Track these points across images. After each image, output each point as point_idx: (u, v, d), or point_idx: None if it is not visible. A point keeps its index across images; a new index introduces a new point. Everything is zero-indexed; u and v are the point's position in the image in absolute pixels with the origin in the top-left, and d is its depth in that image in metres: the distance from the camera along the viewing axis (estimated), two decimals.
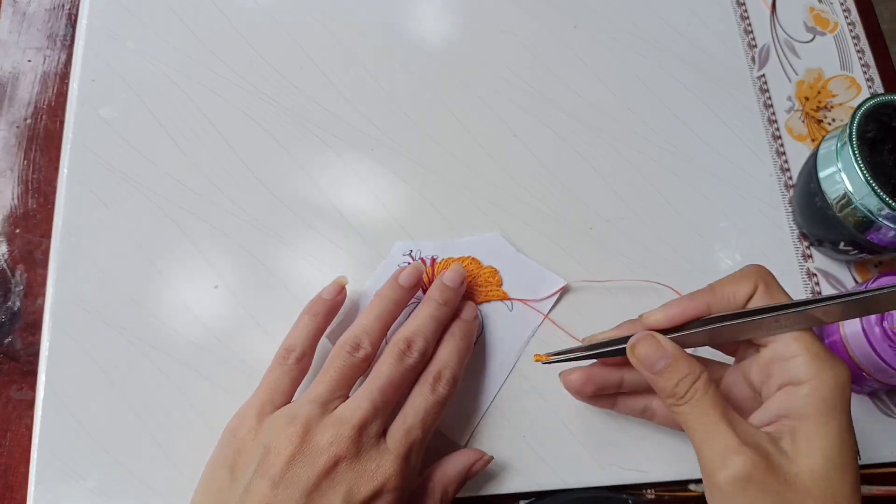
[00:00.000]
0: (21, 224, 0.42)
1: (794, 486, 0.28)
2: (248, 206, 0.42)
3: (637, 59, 0.48)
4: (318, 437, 0.30)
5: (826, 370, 0.28)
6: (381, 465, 0.31)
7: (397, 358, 0.34)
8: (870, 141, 0.37)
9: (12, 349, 0.40)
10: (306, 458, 0.30)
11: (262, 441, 0.31)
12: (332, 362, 0.33)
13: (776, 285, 0.31)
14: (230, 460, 0.31)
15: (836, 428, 0.28)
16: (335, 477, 0.30)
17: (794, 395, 0.28)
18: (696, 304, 0.31)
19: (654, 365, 0.31)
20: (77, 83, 0.44)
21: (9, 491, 0.37)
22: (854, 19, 0.50)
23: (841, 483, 0.27)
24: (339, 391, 0.33)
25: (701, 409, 0.29)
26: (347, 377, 0.33)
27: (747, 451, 0.28)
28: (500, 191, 0.44)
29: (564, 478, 0.38)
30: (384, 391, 0.32)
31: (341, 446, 0.30)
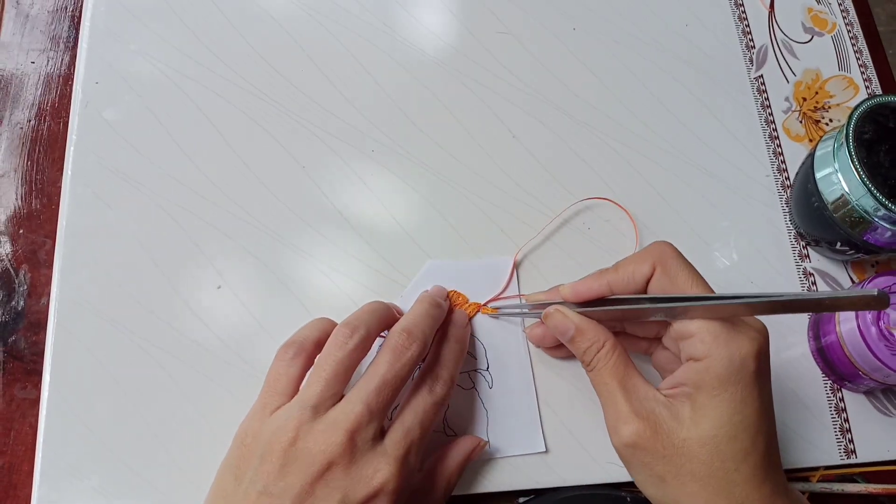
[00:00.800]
0: (25, 224, 0.43)
1: (681, 450, 0.30)
2: (250, 207, 0.43)
3: (636, 59, 0.48)
4: (309, 443, 0.30)
5: (720, 347, 0.30)
6: (378, 469, 0.30)
7: (395, 353, 0.32)
8: (867, 142, 0.37)
9: (16, 348, 0.40)
10: (299, 464, 0.29)
11: (259, 447, 0.31)
12: (326, 358, 0.32)
13: (675, 264, 0.33)
14: (234, 465, 0.31)
15: (726, 400, 0.30)
16: (330, 482, 0.29)
17: (692, 370, 0.31)
18: (599, 283, 0.34)
19: (564, 333, 0.34)
20: (80, 85, 0.45)
21: (13, 489, 0.38)
22: (852, 20, 0.51)
23: (731, 450, 0.30)
24: (332, 389, 0.32)
25: (602, 376, 0.33)
26: (339, 373, 0.32)
27: (634, 421, 0.31)
28: (499, 191, 0.44)
29: (563, 475, 0.38)
30: (380, 391, 0.31)
31: (334, 452, 0.29)
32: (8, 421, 0.39)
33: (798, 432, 0.40)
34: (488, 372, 0.39)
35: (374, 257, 0.42)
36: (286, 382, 0.33)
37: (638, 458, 0.31)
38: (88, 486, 0.37)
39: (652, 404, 0.31)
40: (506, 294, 0.41)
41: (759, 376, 0.30)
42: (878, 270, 0.44)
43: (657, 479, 0.31)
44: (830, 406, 0.41)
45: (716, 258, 0.43)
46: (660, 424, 0.31)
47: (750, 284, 0.43)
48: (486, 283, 0.41)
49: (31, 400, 0.39)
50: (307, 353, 0.34)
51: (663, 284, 0.33)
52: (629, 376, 0.32)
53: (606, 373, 0.32)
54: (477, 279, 0.41)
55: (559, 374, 0.40)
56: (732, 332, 0.30)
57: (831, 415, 0.41)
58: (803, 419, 0.40)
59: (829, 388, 0.41)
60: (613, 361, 0.33)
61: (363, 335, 0.33)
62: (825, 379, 0.41)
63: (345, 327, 0.33)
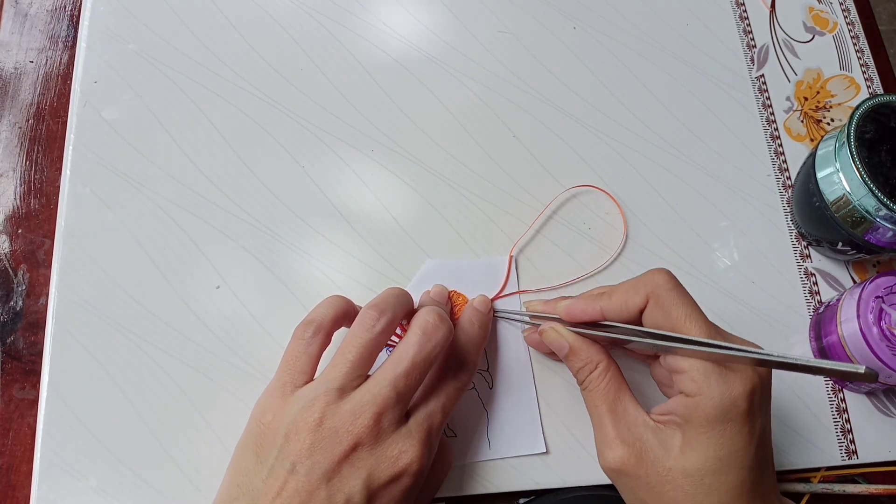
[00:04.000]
0: (24, 224, 0.43)
1: (665, 478, 0.30)
2: (249, 207, 0.42)
3: (636, 59, 0.48)
4: (336, 423, 0.30)
5: (711, 387, 0.30)
6: (402, 451, 0.31)
7: (426, 335, 0.32)
8: (868, 141, 0.37)
9: (15, 349, 0.40)
10: (325, 444, 0.30)
11: (283, 426, 0.31)
12: (352, 340, 0.32)
13: (670, 297, 0.32)
14: (255, 444, 0.31)
15: (714, 437, 0.30)
16: (356, 462, 0.30)
17: (683, 404, 0.31)
18: (593, 308, 0.34)
19: (559, 351, 0.35)
20: (79, 84, 0.44)
21: (11, 490, 0.37)
22: (853, 19, 0.50)
23: (716, 483, 0.30)
24: (357, 371, 0.32)
25: (593, 398, 0.33)
26: (365, 357, 0.32)
27: (619, 447, 0.31)
28: (499, 190, 0.44)
29: (563, 476, 0.38)
30: (409, 374, 0.31)
31: (361, 433, 0.30)
32: (6, 421, 0.39)
33: (799, 433, 0.40)
34: (488, 373, 0.39)
35: (373, 256, 0.42)
36: (306, 361, 0.33)
37: (622, 482, 0.32)
38: (87, 486, 0.37)
39: (640, 430, 0.31)
40: (505, 292, 0.41)
41: (750, 415, 0.30)
42: (879, 270, 0.44)
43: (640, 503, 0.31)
44: (832, 406, 0.41)
45: (716, 258, 0.43)
46: (645, 452, 0.31)
47: (751, 284, 0.43)
48: (485, 282, 0.41)
49: (30, 400, 0.39)
50: (325, 332, 0.33)
51: (656, 318, 0.32)
52: (619, 400, 0.32)
53: (597, 395, 0.33)
54: (476, 278, 0.41)
55: (559, 375, 0.40)
56: (724, 373, 0.30)
57: (832, 415, 0.40)
58: (804, 420, 0.40)
59: (830, 388, 0.41)
60: (605, 384, 0.33)
61: (389, 319, 0.33)
62: (826, 380, 0.41)
63: (372, 310, 0.33)
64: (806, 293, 0.43)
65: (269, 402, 0.32)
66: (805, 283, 0.43)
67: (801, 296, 0.43)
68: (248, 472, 0.31)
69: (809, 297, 0.43)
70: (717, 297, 0.42)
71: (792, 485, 0.39)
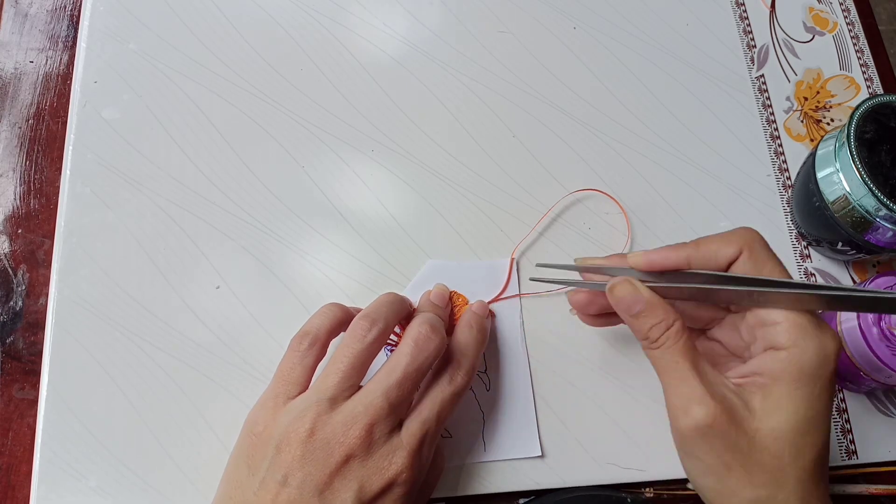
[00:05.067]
0: (23, 224, 0.43)
1: (752, 439, 0.29)
2: (249, 207, 0.42)
3: (636, 59, 0.48)
4: (328, 434, 0.30)
5: (807, 340, 0.29)
6: (393, 461, 0.30)
7: (418, 346, 0.32)
8: (868, 141, 0.37)
9: (15, 349, 0.40)
10: (317, 455, 0.29)
11: (274, 438, 0.30)
12: (344, 350, 0.32)
13: (764, 253, 0.31)
14: (247, 455, 0.31)
15: (806, 395, 0.29)
16: (347, 474, 0.30)
17: (773, 359, 0.29)
18: (678, 255, 0.32)
19: (630, 308, 0.31)
20: (79, 84, 0.44)
21: (11, 490, 0.37)
22: (853, 19, 0.50)
23: (801, 445, 0.29)
24: (349, 381, 0.31)
25: (671, 355, 0.30)
26: (357, 366, 0.32)
27: (710, 403, 0.29)
28: (499, 190, 0.44)
29: (563, 476, 0.38)
30: (402, 385, 0.31)
31: (353, 445, 0.30)
32: (6, 421, 0.39)
33: None
34: (486, 375, 0.39)
35: (373, 256, 0.42)
36: (300, 372, 0.32)
37: (707, 443, 0.29)
38: (87, 486, 0.37)
39: (723, 390, 0.30)
40: (506, 294, 0.41)
41: (834, 375, 0.29)
42: (879, 270, 0.44)
43: (722, 467, 0.29)
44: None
45: None
46: (735, 410, 0.29)
47: None
48: (485, 284, 0.41)
49: (30, 400, 0.39)
50: (321, 344, 0.33)
51: (746, 270, 0.31)
52: (700, 358, 0.30)
53: (677, 352, 0.30)
54: (477, 279, 0.41)
55: (560, 375, 0.40)
56: (819, 327, 0.29)
57: (832, 415, 0.40)
58: None
59: None
60: (684, 340, 0.30)
61: (382, 328, 0.33)
62: None
63: (363, 320, 0.33)
64: None
65: (261, 413, 0.32)
66: None
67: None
68: (241, 484, 0.31)
69: None
70: None
71: None
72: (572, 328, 0.41)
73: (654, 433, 0.39)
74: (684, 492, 0.39)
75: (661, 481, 0.39)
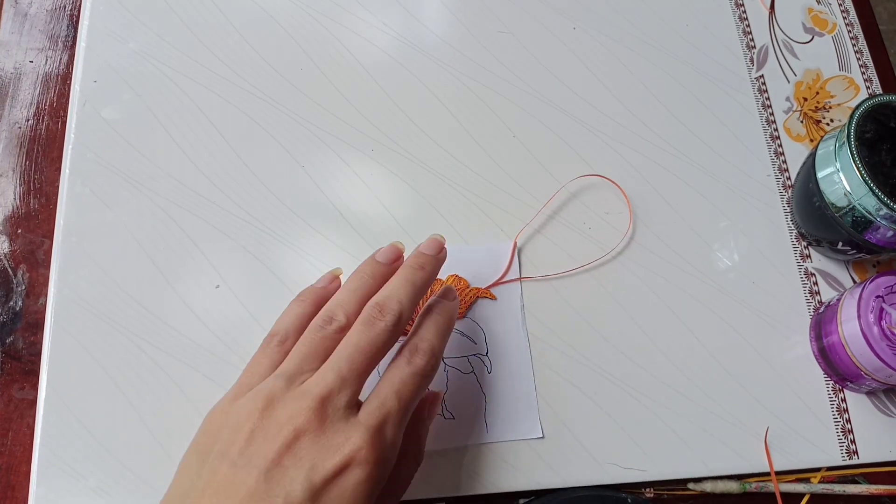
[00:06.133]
0: (23, 224, 0.42)
1: None
2: (249, 206, 0.42)
3: (636, 59, 0.48)
4: (278, 411, 0.28)
5: None
6: (349, 438, 0.28)
7: (367, 324, 0.31)
8: (868, 141, 0.37)
9: (14, 348, 0.40)
10: (266, 433, 0.28)
11: (228, 421, 0.29)
12: (304, 337, 0.32)
13: None
14: (199, 443, 0.30)
15: None
16: (298, 452, 0.28)
17: None
18: None
19: None
20: (79, 84, 0.44)
21: (10, 490, 0.37)
22: (852, 20, 0.51)
23: None
24: (307, 364, 0.30)
25: None
26: (318, 350, 0.31)
27: None
28: (499, 190, 0.44)
29: (563, 476, 0.38)
30: (352, 359, 0.30)
31: (302, 419, 0.28)
32: (5, 421, 0.39)
33: (799, 433, 0.40)
34: (487, 357, 0.40)
35: None
36: (267, 365, 0.32)
37: None
38: (86, 486, 0.36)
39: None
40: (507, 278, 0.41)
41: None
42: (879, 270, 0.44)
43: None
44: (832, 406, 0.41)
45: (717, 258, 0.43)
46: None
47: (751, 285, 0.43)
48: (486, 268, 0.41)
49: (29, 400, 0.39)
50: (291, 341, 0.33)
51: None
52: None
53: None
54: (478, 264, 0.41)
55: (560, 375, 0.40)
56: None
57: (833, 415, 0.40)
58: (805, 419, 0.40)
59: (830, 388, 0.41)
60: None
61: (342, 321, 0.32)
62: (827, 379, 0.41)
63: (325, 314, 0.32)
64: (806, 293, 0.43)
65: (220, 404, 0.31)
66: (805, 283, 0.43)
67: (802, 296, 0.43)
68: (189, 472, 0.29)
69: (809, 298, 0.43)
70: (717, 298, 0.42)
71: (792, 485, 0.39)
72: (571, 317, 0.41)
73: (655, 433, 0.39)
74: (684, 492, 0.39)
75: (662, 481, 0.39)
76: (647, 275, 0.42)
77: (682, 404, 0.40)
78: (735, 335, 0.41)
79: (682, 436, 0.39)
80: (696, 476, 0.39)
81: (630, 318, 0.41)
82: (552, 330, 0.41)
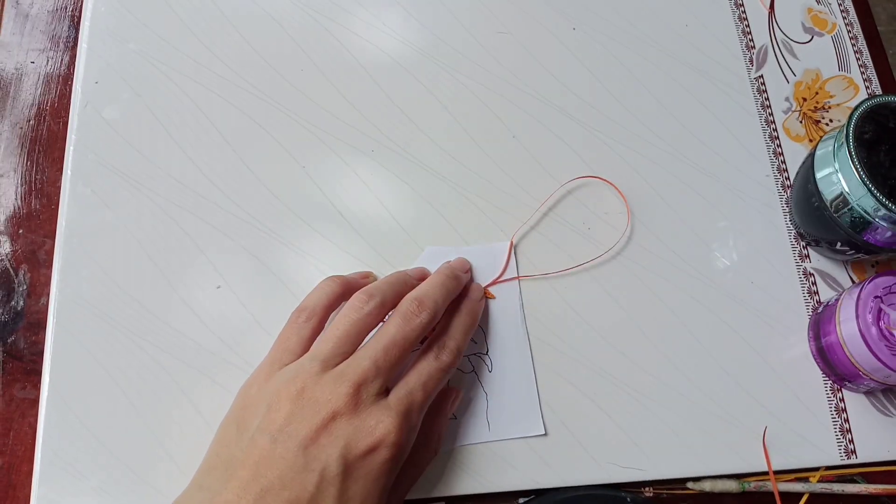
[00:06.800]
0: (24, 224, 0.43)
1: None
2: (250, 207, 0.43)
3: (635, 60, 0.48)
4: (317, 393, 0.31)
5: None
6: (380, 421, 0.31)
7: (405, 318, 0.34)
8: (867, 142, 0.37)
9: (16, 348, 0.40)
10: (305, 413, 0.30)
11: (265, 398, 0.31)
12: (341, 319, 0.34)
13: None
14: (238, 417, 0.32)
15: None
16: (334, 431, 0.30)
17: None
18: None
19: None
20: (80, 85, 0.45)
21: (12, 489, 0.37)
22: (852, 20, 0.51)
23: None
24: (343, 348, 0.33)
25: None
26: (351, 334, 0.33)
27: None
28: (499, 191, 0.44)
29: (563, 476, 0.38)
30: (388, 350, 0.33)
31: (339, 402, 0.30)
32: (7, 421, 0.39)
33: (798, 432, 0.40)
34: (488, 356, 0.40)
35: (373, 256, 0.42)
36: (296, 342, 0.34)
37: None
38: (87, 485, 0.37)
39: None
40: (504, 277, 0.41)
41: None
42: (878, 270, 0.44)
43: None
44: (830, 406, 0.41)
45: (715, 258, 0.43)
46: None
47: (750, 285, 0.43)
48: (484, 268, 0.42)
49: (31, 400, 0.39)
50: (318, 318, 0.35)
51: None
52: None
53: None
54: (475, 264, 0.42)
55: (560, 375, 0.40)
56: None
57: (831, 415, 0.40)
58: (803, 419, 0.40)
59: (829, 388, 0.41)
60: None
61: (378, 302, 0.34)
62: (825, 379, 0.41)
63: (362, 293, 0.34)
64: (805, 293, 0.43)
65: (254, 379, 0.33)
66: (804, 283, 0.43)
67: (800, 296, 0.43)
68: (229, 443, 0.31)
69: (808, 298, 0.43)
70: (716, 298, 0.42)
71: (791, 484, 0.39)
72: (571, 316, 0.41)
73: (654, 432, 0.39)
74: (684, 491, 0.39)
75: (661, 480, 0.39)
76: (646, 274, 0.43)
77: (680, 404, 0.40)
78: (734, 335, 0.42)
79: (681, 435, 0.39)
80: (695, 475, 0.39)
81: (629, 317, 0.42)
82: (552, 330, 0.41)
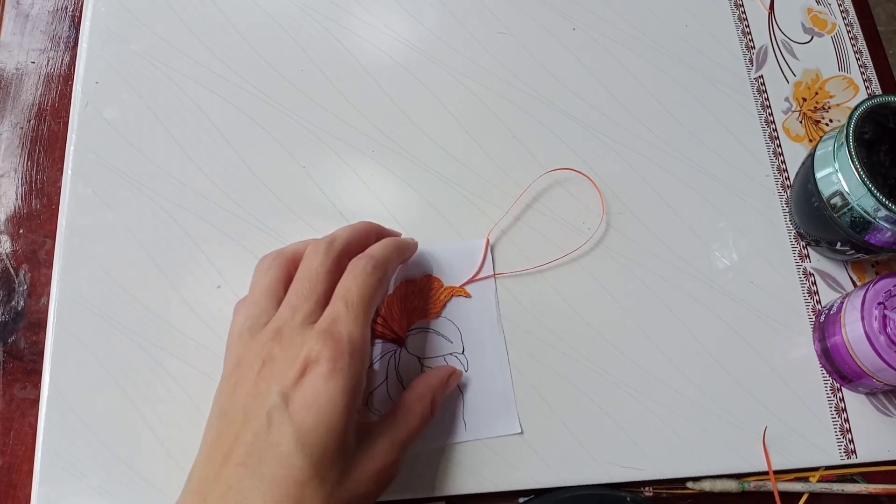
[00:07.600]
0: (25, 224, 0.43)
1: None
2: (250, 206, 0.43)
3: (635, 60, 0.48)
4: (249, 355, 0.32)
5: None
6: (303, 344, 0.31)
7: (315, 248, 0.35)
8: (867, 142, 0.37)
9: (16, 348, 0.40)
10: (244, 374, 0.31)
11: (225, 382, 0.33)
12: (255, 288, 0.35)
13: None
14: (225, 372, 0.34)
15: None
16: (266, 374, 0.31)
17: None
18: None
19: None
20: (80, 85, 0.45)
21: (12, 489, 0.37)
22: (852, 20, 0.51)
23: None
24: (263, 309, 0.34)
25: None
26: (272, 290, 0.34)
27: None
28: (498, 191, 0.44)
29: (563, 475, 0.38)
30: (299, 286, 0.33)
31: (265, 350, 0.31)
32: (7, 421, 0.39)
33: (798, 432, 0.40)
34: (464, 356, 0.40)
35: None
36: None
37: None
38: (88, 485, 0.37)
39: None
40: (480, 275, 0.41)
41: None
42: (878, 270, 0.44)
43: None
44: (831, 406, 0.41)
45: (715, 258, 0.43)
46: None
47: (750, 285, 0.43)
48: (460, 266, 0.42)
49: (31, 400, 0.39)
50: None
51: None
52: None
53: None
54: (451, 263, 0.42)
55: (559, 374, 0.40)
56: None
57: (831, 415, 0.41)
58: (803, 419, 0.40)
59: (829, 387, 0.41)
60: None
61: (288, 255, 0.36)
62: (825, 379, 0.41)
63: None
64: (805, 293, 0.43)
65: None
66: (804, 283, 0.43)
67: (800, 296, 0.43)
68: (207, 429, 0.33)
69: (808, 297, 0.43)
70: (716, 298, 0.42)
71: (791, 484, 0.39)
72: (571, 316, 0.41)
73: (654, 432, 0.39)
74: (683, 491, 0.39)
75: (661, 480, 0.39)
76: (646, 274, 0.43)
77: (680, 403, 0.40)
78: (734, 335, 0.42)
79: (681, 435, 0.39)
80: (694, 475, 0.39)
81: (629, 317, 0.42)
82: (552, 330, 0.41)
